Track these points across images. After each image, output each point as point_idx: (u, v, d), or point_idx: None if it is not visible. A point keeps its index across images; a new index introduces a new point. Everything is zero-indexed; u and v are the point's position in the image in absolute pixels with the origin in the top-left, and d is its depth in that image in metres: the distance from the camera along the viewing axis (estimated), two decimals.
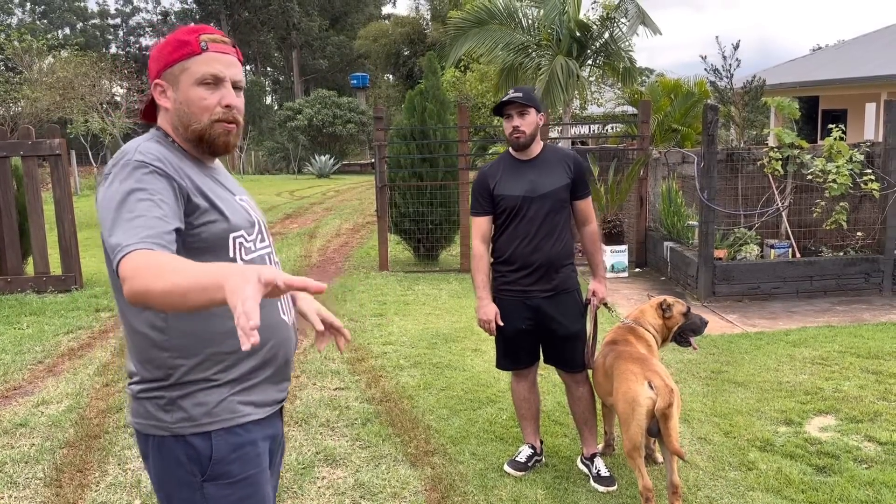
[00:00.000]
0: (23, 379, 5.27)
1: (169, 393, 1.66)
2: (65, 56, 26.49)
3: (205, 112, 1.69)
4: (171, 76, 1.69)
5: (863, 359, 5.24)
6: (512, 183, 3.43)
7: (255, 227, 1.77)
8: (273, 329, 1.75)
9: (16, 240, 8.05)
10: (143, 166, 1.57)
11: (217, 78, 1.68)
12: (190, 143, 1.73)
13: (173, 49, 1.69)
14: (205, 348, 1.66)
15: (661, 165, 9.08)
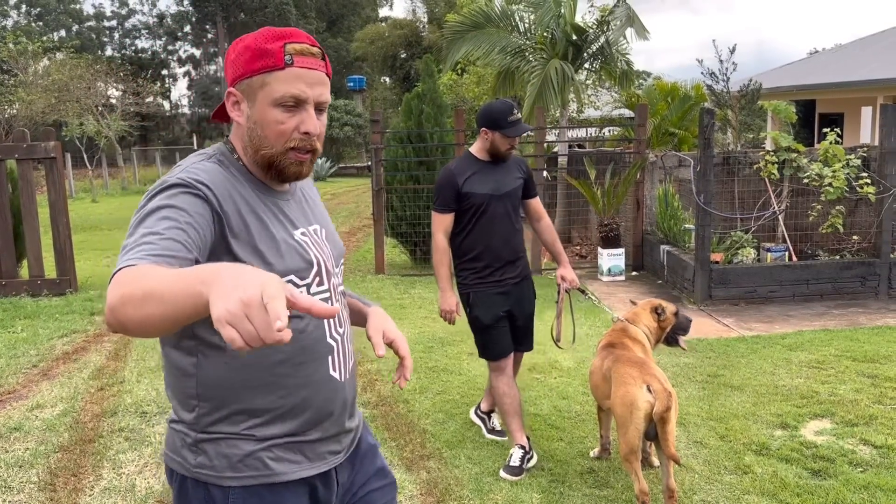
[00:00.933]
0: (17, 383, 5.25)
1: (195, 434, 1.50)
2: (60, 58, 26.46)
3: (280, 138, 1.47)
4: (248, 89, 1.47)
5: (859, 362, 5.24)
6: (479, 182, 3.71)
7: (313, 269, 1.53)
8: (320, 386, 1.55)
9: (10, 243, 8.03)
10: (181, 186, 1.39)
11: (299, 100, 1.45)
12: (258, 167, 1.53)
13: (253, 57, 1.45)
14: (235, 403, 1.48)
15: (658, 169, 9.09)
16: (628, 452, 3.17)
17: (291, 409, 1.51)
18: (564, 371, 5.28)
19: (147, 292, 1.11)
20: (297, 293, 1.04)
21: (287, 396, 1.50)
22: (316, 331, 1.52)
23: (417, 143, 9.58)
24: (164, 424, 4.38)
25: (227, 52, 1.52)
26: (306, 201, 1.66)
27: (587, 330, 6.40)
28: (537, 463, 3.79)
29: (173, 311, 1.09)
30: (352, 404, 1.67)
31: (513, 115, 3.67)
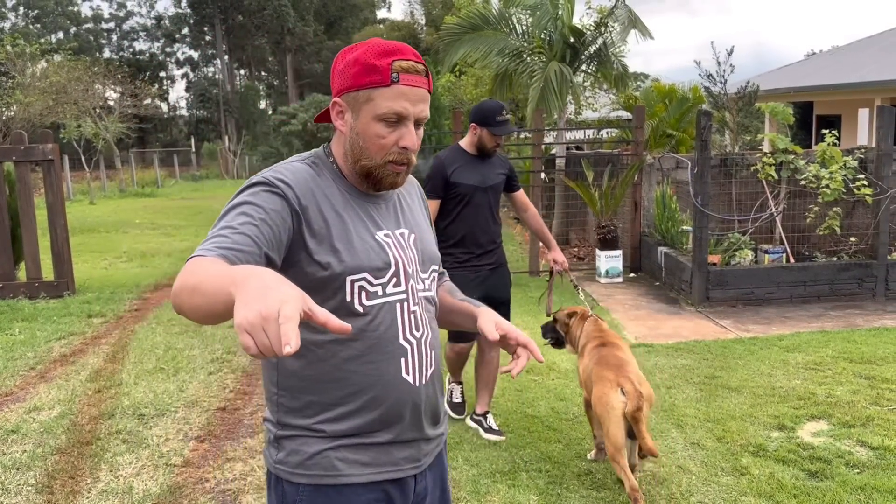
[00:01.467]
0: (15, 385, 5.24)
1: (276, 430, 1.58)
2: (58, 60, 26.42)
3: (380, 151, 1.53)
4: (353, 101, 1.52)
5: (856, 364, 5.25)
6: (466, 174, 4.01)
7: (390, 270, 1.55)
8: (391, 386, 1.55)
9: (8, 245, 8.02)
10: (264, 184, 1.46)
11: (401, 116, 1.51)
12: (355, 175, 1.58)
13: (361, 72, 1.49)
14: (308, 395, 1.54)
15: (656, 171, 9.10)
16: (614, 451, 3.29)
17: (360, 405, 1.54)
18: (562, 373, 5.28)
19: (196, 284, 1.21)
20: (315, 308, 1.08)
21: (357, 392, 1.53)
22: (387, 331, 1.54)
23: None
24: (162, 426, 4.38)
25: (335, 62, 1.56)
26: (401, 207, 1.69)
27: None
28: (535, 464, 3.80)
29: (212, 304, 1.18)
30: (432, 412, 1.65)
31: (501, 116, 3.95)
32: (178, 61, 56.25)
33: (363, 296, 1.52)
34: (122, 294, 8.27)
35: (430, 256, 1.70)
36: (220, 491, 3.62)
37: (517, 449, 3.99)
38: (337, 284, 1.49)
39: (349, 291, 1.50)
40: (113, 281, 9.11)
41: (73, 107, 24.62)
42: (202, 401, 4.83)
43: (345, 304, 1.50)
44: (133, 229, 14.99)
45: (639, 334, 6.27)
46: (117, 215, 17.72)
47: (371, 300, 1.52)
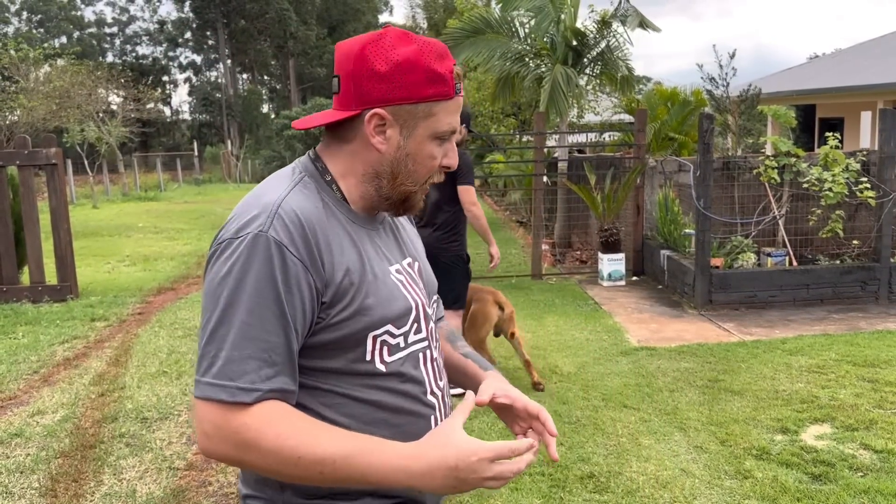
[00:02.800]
0: (18, 389, 5.25)
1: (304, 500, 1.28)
2: (61, 65, 26.51)
3: (428, 173, 1.29)
4: (409, 116, 1.24)
5: (859, 367, 5.24)
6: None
7: (411, 315, 1.29)
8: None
9: (11, 249, 8.04)
10: (277, 251, 1.15)
11: (452, 133, 1.28)
12: (385, 200, 1.30)
13: (423, 81, 1.22)
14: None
15: (658, 174, 9.10)
16: (479, 343, 4.87)
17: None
18: (564, 376, 5.28)
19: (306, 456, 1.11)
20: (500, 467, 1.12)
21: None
22: (414, 388, 1.30)
23: None
24: (165, 429, 4.38)
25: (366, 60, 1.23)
26: (397, 229, 1.43)
27: (587, 335, 6.40)
28: (537, 468, 3.79)
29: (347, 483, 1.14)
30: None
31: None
32: (180, 65, 56.42)
33: (385, 351, 1.26)
34: (125, 298, 8.28)
35: (432, 286, 1.46)
36: (222, 494, 3.62)
37: None
38: (353, 343, 1.23)
39: (370, 350, 1.24)
40: (116, 285, 9.12)
41: (77, 111, 24.70)
42: None
43: (361, 365, 1.24)
44: (136, 233, 15.02)
45: (641, 337, 6.27)
46: (120, 219, 17.75)
47: (393, 355, 1.27)
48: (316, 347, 1.22)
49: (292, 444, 1.10)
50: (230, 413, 1.12)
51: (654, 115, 11.87)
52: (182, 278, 9.65)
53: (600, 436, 4.20)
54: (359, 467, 1.10)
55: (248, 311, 1.13)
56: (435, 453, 1.10)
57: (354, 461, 1.10)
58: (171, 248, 12.79)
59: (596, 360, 5.64)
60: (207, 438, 1.14)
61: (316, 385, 1.23)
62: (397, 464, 1.10)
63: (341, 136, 1.29)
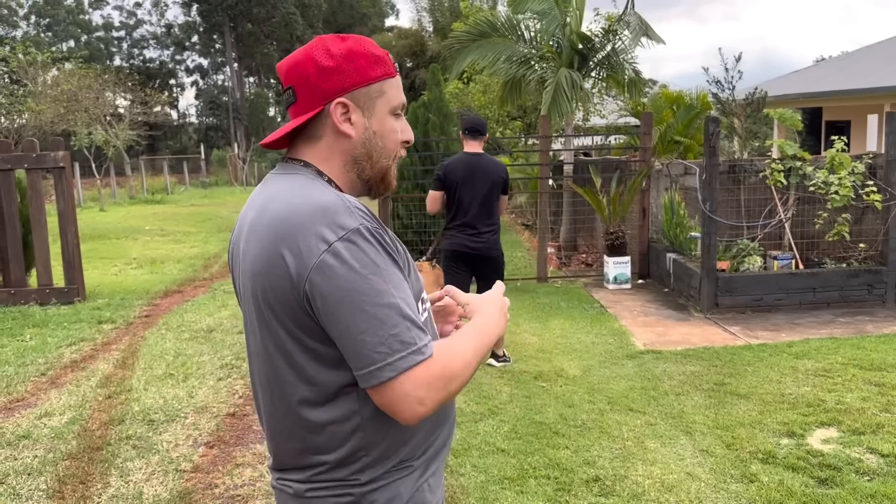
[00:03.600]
0: (26, 391, 5.28)
1: (359, 489, 1.36)
2: (69, 69, 26.64)
3: (395, 147, 1.44)
4: (366, 98, 1.39)
5: (865, 371, 5.23)
6: None
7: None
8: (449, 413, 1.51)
9: (19, 252, 8.08)
10: (376, 235, 1.29)
11: (405, 107, 1.46)
12: (366, 182, 1.45)
13: (370, 64, 1.38)
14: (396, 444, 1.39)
15: (664, 177, 9.10)
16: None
17: (432, 425, 1.44)
18: (570, 379, 5.28)
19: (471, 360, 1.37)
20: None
21: (439, 416, 1.44)
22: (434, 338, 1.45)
23: (423, 151, 9.61)
24: (172, 432, 4.40)
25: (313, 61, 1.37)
26: None
27: (593, 338, 6.40)
28: (543, 471, 3.80)
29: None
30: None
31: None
32: (187, 69, 56.59)
33: (423, 313, 1.42)
34: (132, 300, 8.31)
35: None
36: (229, 497, 3.63)
37: (525, 455, 4.00)
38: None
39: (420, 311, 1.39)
40: (123, 287, 9.16)
41: (84, 114, 24.82)
42: (211, 406, 4.85)
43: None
44: (143, 236, 15.07)
45: (647, 341, 6.27)
46: (127, 222, 17.81)
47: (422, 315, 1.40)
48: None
49: (466, 354, 1.34)
50: (430, 366, 1.26)
51: (659, 119, 11.86)
52: (189, 281, 9.68)
53: (606, 439, 4.20)
54: (485, 344, 1.40)
55: (393, 290, 1.26)
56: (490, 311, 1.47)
57: (482, 341, 1.39)
58: (178, 250, 12.83)
59: (601, 364, 5.64)
60: (422, 403, 1.25)
61: None
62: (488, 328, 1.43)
63: (311, 135, 1.41)
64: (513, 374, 5.40)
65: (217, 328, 6.90)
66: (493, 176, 5.37)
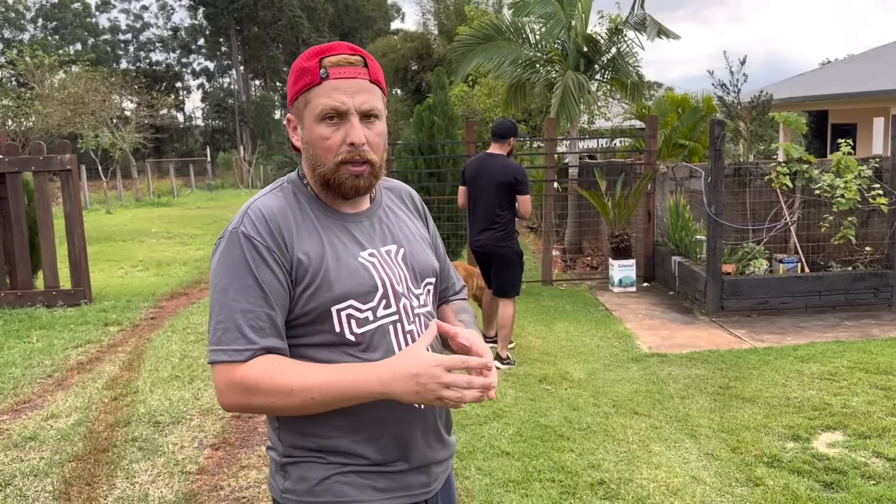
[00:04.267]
0: (32, 392, 5.30)
1: (279, 458, 1.51)
2: (76, 72, 26.74)
3: (328, 153, 1.45)
4: (297, 111, 1.49)
5: (871, 374, 5.21)
6: None
7: (378, 292, 1.48)
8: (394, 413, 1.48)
9: (26, 254, 8.11)
10: (246, 241, 1.42)
11: (339, 112, 1.43)
12: (325, 191, 1.52)
13: (296, 78, 1.47)
14: (309, 426, 1.47)
15: (669, 180, 9.09)
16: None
17: (367, 436, 1.47)
18: (575, 382, 5.28)
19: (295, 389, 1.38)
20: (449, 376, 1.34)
21: (360, 422, 1.46)
22: (385, 356, 1.45)
23: (428, 154, 9.62)
24: (178, 434, 4.42)
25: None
26: (388, 221, 1.61)
27: (598, 341, 6.40)
28: (547, 474, 3.80)
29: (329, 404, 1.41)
30: (438, 434, 1.58)
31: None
32: (193, 72, 56.79)
33: (353, 324, 1.46)
34: (139, 302, 8.34)
35: (424, 270, 1.61)
36: (234, 499, 3.64)
37: (530, 458, 4.00)
38: (323, 317, 1.44)
39: (336, 322, 1.45)
40: (129, 289, 9.19)
41: (91, 117, 24.91)
42: (217, 409, 4.86)
43: (336, 335, 1.45)
44: (149, 238, 15.12)
45: (652, 344, 6.26)
46: (134, 224, 17.87)
47: (362, 327, 1.46)
48: (298, 326, 1.46)
49: (284, 381, 1.36)
50: (232, 370, 1.38)
51: (664, 122, 11.85)
52: (195, 283, 9.71)
53: (611, 442, 4.19)
54: (341, 386, 1.35)
55: (234, 290, 1.41)
56: (401, 364, 1.34)
57: (337, 382, 1.35)
58: (184, 253, 12.87)
59: (606, 367, 5.64)
60: (221, 395, 1.40)
61: (306, 356, 1.47)
62: (372, 375, 1.34)
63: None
64: (517, 377, 5.40)
65: None
66: (499, 177, 5.56)
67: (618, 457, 4.00)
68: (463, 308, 1.77)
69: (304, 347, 1.46)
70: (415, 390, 1.31)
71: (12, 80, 28.18)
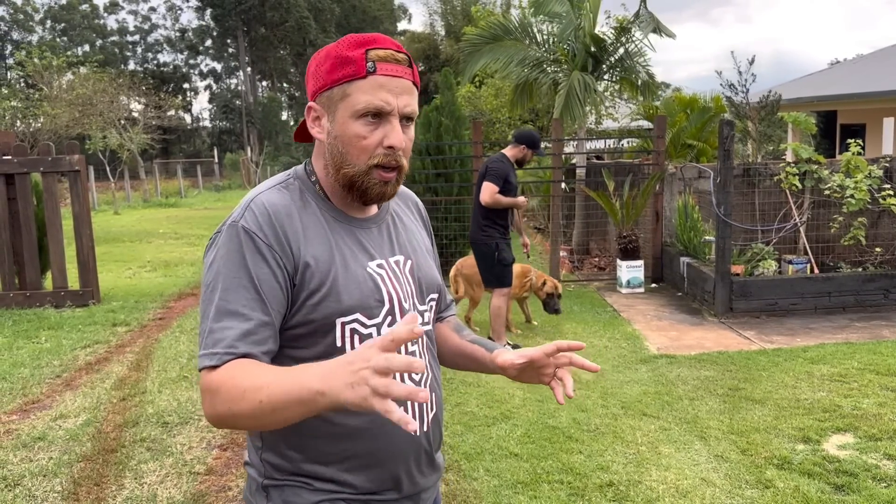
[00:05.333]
0: (41, 393, 5.31)
1: (261, 479, 1.42)
2: (84, 73, 26.84)
3: (362, 154, 1.34)
4: (328, 101, 1.35)
5: (882, 376, 5.18)
6: (514, 177, 5.92)
7: (384, 307, 1.38)
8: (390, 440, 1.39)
9: (35, 255, 8.14)
10: (246, 236, 1.30)
11: (382, 111, 1.32)
12: (339, 189, 1.40)
13: (333, 66, 1.33)
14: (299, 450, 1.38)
15: (677, 180, 9.06)
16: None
17: (358, 464, 1.38)
18: (583, 384, 5.26)
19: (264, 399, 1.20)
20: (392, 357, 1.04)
21: (352, 449, 1.37)
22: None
23: (436, 155, 9.62)
24: (186, 434, 4.42)
25: (308, 65, 1.40)
26: (395, 230, 1.51)
27: (606, 342, 6.38)
28: (556, 476, 3.78)
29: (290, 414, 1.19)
30: (431, 458, 1.49)
31: (541, 143, 6.07)
32: (201, 73, 56.92)
33: (356, 340, 1.34)
34: (146, 303, 8.35)
35: (430, 285, 1.52)
36: (242, 499, 3.63)
37: (538, 460, 3.98)
38: (326, 329, 1.33)
39: (339, 336, 1.33)
40: (137, 290, 9.21)
41: (99, 118, 25.00)
42: None
43: (335, 350, 1.32)
44: (157, 239, 15.16)
45: (661, 345, 6.24)
46: (141, 225, 17.92)
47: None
48: (296, 337, 1.34)
49: (239, 384, 1.20)
50: (207, 375, 1.24)
51: (673, 122, 11.82)
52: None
53: (620, 444, 4.18)
54: (284, 385, 1.14)
55: (224, 290, 1.28)
56: (339, 359, 1.11)
57: (280, 381, 1.16)
58: (192, 253, 12.89)
59: (615, 368, 5.62)
60: (203, 404, 1.26)
61: None
62: (311, 372, 1.14)
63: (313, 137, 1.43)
64: None
65: None
66: (482, 170, 5.96)
67: (626, 458, 3.98)
68: (462, 326, 1.67)
69: (297, 360, 1.32)
70: (350, 381, 1.05)
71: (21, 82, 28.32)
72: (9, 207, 8.05)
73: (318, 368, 1.12)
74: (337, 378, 1.07)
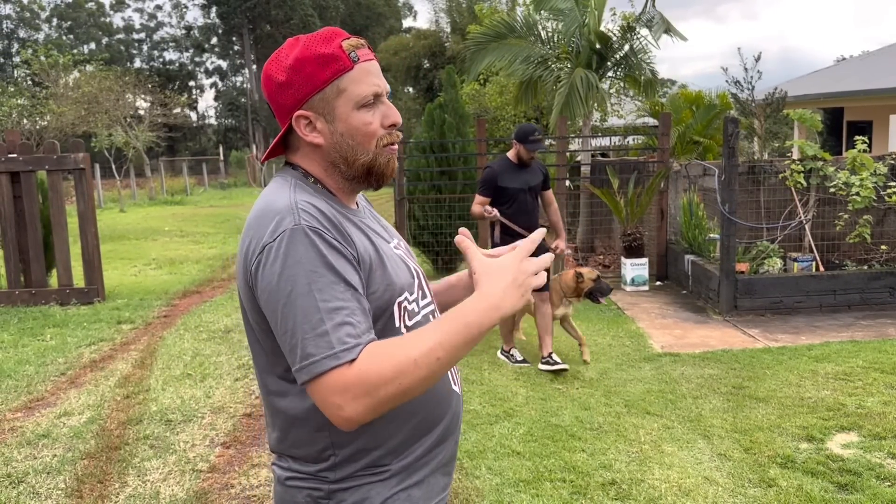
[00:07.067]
0: (46, 390, 5.33)
1: (328, 486, 1.37)
2: (90, 71, 26.90)
3: (371, 139, 1.38)
4: (322, 103, 1.35)
5: (887, 375, 5.15)
6: (512, 179, 5.46)
7: (416, 282, 1.45)
8: (445, 403, 1.44)
9: (40, 252, 8.17)
10: (315, 235, 1.26)
11: (376, 95, 1.37)
12: (353, 181, 1.42)
13: (317, 67, 1.33)
14: (374, 441, 1.37)
15: (682, 178, 9.03)
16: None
17: (421, 430, 1.41)
18: (587, 382, 5.25)
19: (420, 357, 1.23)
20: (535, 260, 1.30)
21: (414, 418, 1.40)
22: None
23: (440, 153, 9.61)
24: (189, 432, 4.42)
25: (268, 80, 1.38)
26: (375, 215, 1.56)
27: (610, 340, 6.37)
28: (558, 474, 3.78)
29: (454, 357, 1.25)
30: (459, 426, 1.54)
31: (534, 136, 5.40)
32: (206, 71, 57.06)
33: (406, 317, 1.39)
34: (151, 301, 8.38)
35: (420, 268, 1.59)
36: (245, 497, 3.65)
37: (541, 458, 3.98)
38: (387, 313, 1.36)
39: (397, 316, 1.37)
40: (142, 288, 9.23)
41: (105, 116, 25.08)
42: (228, 407, 4.87)
43: (391, 332, 1.36)
44: (162, 237, 15.19)
45: (665, 343, 6.22)
46: (147, 223, 17.97)
47: (412, 319, 1.41)
48: None
49: (403, 355, 1.21)
50: (344, 373, 1.20)
51: (678, 119, 11.78)
52: (207, 282, 9.74)
53: (622, 442, 4.17)
54: (460, 334, 1.22)
55: (318, 290, 1.23)
56: (498, 284, 1.26)
57: (454, 330, 1.22)
58: (197, 251, 12.92)
59: (618, 366, 5.61)
60: (341, 408, 1.21)
61: None
62: (482, 308, 1.24)
63: (293, 146, 1.43)
64: (528, 376, 5.39)
65: (234, 328, 6.93)
66: None
67: (629, 457, 3.98)
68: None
69: None
70: (520, 293, 1.26)
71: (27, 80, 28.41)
72: (14, 205, 8.08)
73: (481, 303, 1.24)
74: (509, 298, 1.25)
